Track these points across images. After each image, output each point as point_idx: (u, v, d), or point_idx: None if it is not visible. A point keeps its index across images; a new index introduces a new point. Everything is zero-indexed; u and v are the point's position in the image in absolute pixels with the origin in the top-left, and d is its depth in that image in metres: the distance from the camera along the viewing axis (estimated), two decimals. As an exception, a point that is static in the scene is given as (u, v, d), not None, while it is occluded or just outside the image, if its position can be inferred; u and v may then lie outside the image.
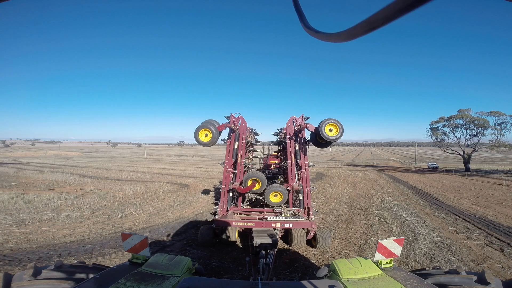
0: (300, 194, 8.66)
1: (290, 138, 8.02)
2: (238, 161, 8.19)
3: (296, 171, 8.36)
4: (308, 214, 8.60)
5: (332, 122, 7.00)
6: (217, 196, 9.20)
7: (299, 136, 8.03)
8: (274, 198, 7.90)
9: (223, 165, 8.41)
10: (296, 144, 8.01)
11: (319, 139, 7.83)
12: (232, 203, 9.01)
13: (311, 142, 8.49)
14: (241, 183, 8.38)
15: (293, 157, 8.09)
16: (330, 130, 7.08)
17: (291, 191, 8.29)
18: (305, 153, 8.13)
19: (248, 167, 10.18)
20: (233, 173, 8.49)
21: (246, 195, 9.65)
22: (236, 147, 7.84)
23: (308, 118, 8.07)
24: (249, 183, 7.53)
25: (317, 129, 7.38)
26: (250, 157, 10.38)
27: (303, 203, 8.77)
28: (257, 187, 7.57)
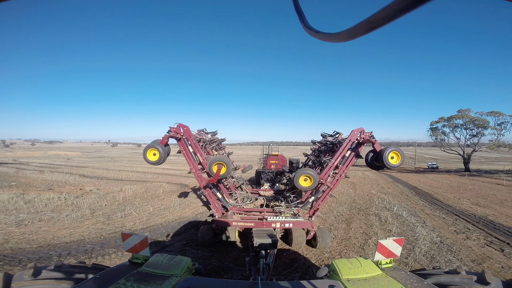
0: (319, 193, 8.60)
1: (349, 143, 8.10)
2: (201, 161, 8.29)
3: (332, 172, 8.33)
4: (312, 215, 8.61)
5: (396, 151, 7.25)
6: (207, 201, 9.32)
7: (357, 147, 8.13)
8: (304, 182, 7.79)
9: (192, 173, 8.49)
10: (349, 152, 8.10)
11: (375, 161, 7.99)
12: (225, 200, 9.03)
13: (360, 158, 8.58)
14: (209, 175, 8.30)
15: (338, 159, 8.13)
16: (392, 158, 7.28)
17: (319, 184, 8.23)
18: (348, 164, 8.21)
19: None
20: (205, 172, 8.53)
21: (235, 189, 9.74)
22: (191, 150, 7.98)
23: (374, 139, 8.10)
24: (215, 169, 7.54)
25: (380, 152, 7.50)
26: (215, 153, 10.33)
27: (315, 203, 8.75)
28: (223, 170, 7.54)
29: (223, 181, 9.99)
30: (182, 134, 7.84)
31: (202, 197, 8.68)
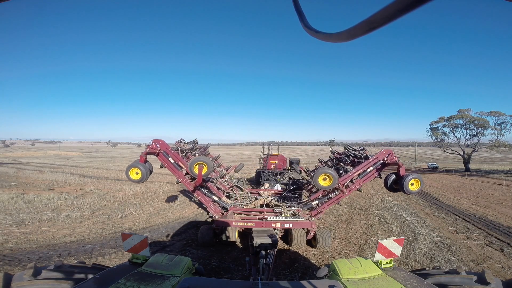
0: (325, 198, 8.72)
1: (374, 160, 8.43)
2: (184, 167, 8.54)
3: (350, 180, 8.54)
4: (314, 215, 8.62)
5: (417, 178, 7.56)
6: (201, 204, 9.39)
7: (381, 166, 8.45)
8: (323, 181, 7.86)
9: (179, 182, 8.78)
10: (371, 168, 8.37)
11: (394, 184, 8.34)
12: (219, 199, 9.15)
13: (379, 177, 8.93)
14: (192, 179, 8.42)
15: (360, 171, 8.42)
16: (412, 184, 7.58)
17: (336, 186, 8.35)
18: (366, 179, 8.52)
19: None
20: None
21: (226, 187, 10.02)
22: (172, 161, 8.25)
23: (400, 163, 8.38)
24: (196, 169, 7.64)
25: (402, 177, 7.81)
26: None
27: (319, 206, 8.79)
28: (204, 170, 7.63)
29: (213, 182, 10.12)
30: (158, 149, 8.12)
31: (196, 200, 8.80)
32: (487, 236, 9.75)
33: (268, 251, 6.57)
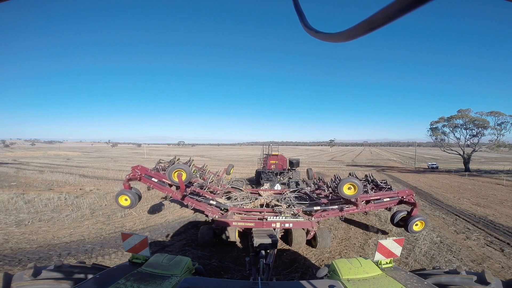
0: (340, 207, 9.01)
1: (395, 194, 9.05)
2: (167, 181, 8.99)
3: (366, 201, 8.99)
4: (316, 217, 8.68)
5: (423, 220, 8.48)
6: (197, 210, 9.61)
7: (398, 201, 9.09)
8: (347, 190, 8.09)
9: (170, 198, 9.42)
10: (388, 199, 8.99)
11: (400, 221, 9.13)
12: (217, 202, 9.31)
13: (388, 210, 9.70)
14: (178, 188, 8.73)
15: (378, 196, 9.02)
16: (416, 225, 8.42)
17: (355, 199, 8.78)
18: (378, 206, 9.12)
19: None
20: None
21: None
22: (156, 180, 8.74)
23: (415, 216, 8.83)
24: (175, 177, 7.82)
25: (410, 217, 8.55)
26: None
27: (321, 212, 8.88)
28: (184, 176, 7.83)
29: (203, 187, 10.59)
30: (139, 174, 8.64)
31: (191, 208, 9.13)
32: (487, 236, 9.75)
33: (268, 251, 6.57)
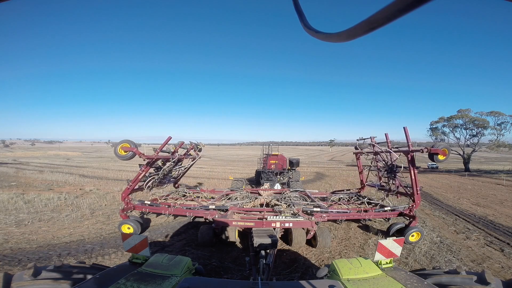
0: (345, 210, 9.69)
1: (394, 211, 9.79)
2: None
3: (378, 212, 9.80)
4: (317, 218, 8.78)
5: (419, 232, 8.80)
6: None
7: (397, 214, 9.74)
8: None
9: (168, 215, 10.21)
10: (389, 209, 9.83)
11: (396, 232, 9.47)
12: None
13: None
14: (146, 185, 10.11)
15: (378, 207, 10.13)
16: (412, 236, 8.73)
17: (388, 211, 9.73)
18: (379, 215, 9.77)
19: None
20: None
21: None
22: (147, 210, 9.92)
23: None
24: (122, 152, 9.17)
25: (409, 227, 8.89)
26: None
27: (321, 213, 9.14)
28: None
29: (199, 197, 11.47)
30: (131, 206, 9.65)
31: (191, 220, 9.80)
32: (487, 236, 9.75)
33: (268, 251, 6.56)
